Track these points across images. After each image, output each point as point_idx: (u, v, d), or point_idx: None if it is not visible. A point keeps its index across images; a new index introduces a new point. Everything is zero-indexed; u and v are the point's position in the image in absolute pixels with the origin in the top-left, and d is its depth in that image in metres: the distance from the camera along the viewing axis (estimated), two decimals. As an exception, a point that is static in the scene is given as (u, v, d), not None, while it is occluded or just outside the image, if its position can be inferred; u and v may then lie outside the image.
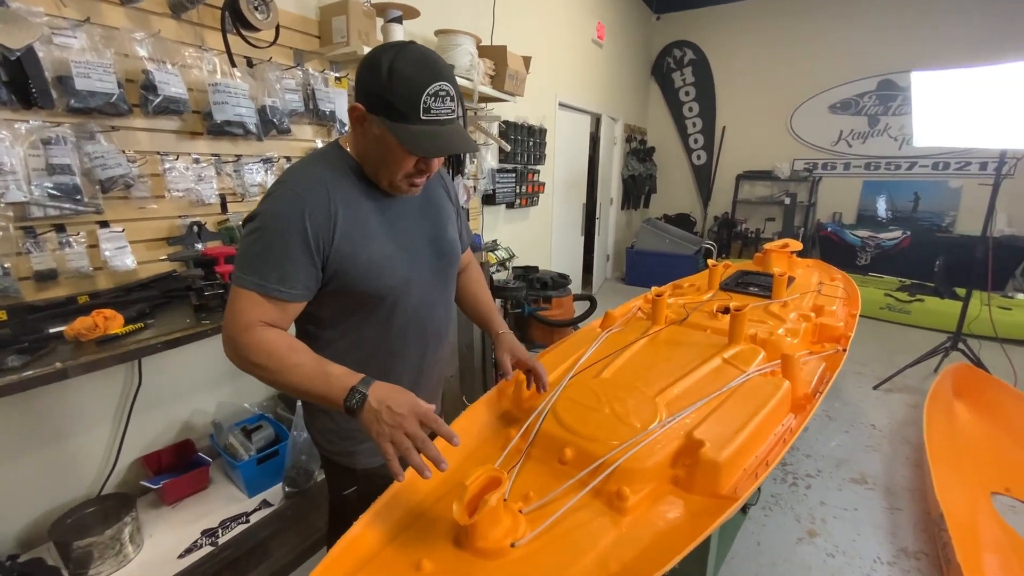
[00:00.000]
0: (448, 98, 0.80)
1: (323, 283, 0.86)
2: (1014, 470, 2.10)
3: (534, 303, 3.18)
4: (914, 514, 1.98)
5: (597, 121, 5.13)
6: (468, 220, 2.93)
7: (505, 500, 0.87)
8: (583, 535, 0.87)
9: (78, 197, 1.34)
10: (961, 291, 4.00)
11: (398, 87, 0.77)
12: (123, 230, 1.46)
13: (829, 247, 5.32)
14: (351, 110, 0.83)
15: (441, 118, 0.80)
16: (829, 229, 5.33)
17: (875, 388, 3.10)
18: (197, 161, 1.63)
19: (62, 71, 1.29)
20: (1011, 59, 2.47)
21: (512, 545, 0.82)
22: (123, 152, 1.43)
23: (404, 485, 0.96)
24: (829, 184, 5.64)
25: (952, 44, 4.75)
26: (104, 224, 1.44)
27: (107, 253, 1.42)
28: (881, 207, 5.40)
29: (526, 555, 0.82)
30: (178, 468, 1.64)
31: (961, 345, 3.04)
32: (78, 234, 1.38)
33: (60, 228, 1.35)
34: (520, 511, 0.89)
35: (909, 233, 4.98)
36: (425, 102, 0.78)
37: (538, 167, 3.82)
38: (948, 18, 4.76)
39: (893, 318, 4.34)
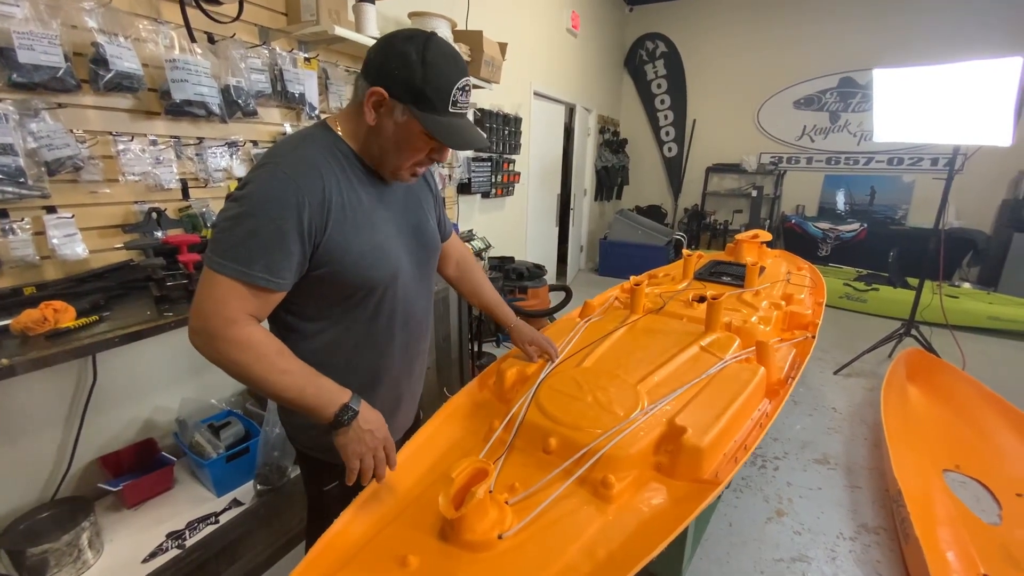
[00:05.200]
0: (469, 93, 0.84)
1: (311, 270, 0.81)
2: (963, 448, 2.24)
3: (511, 294, 3.17)
4: (872, 491, 2.09)
5: (571, 112, 5.12)
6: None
7: (491, 492, 0.85)
8: (570, 524, 0.87)
9: (21, 180, 1.24)
10: (913, 281, 4.22)
11: (432, 78, 0.77)
12: (72, 216, 1.36)
13: (793, 238, 5.51)
14: (370, 94, 0.79)
15: (462, 111, 0.84)
16: (793, 221, 5.52)
17: (835, 373, 3.25)
18: (154, 143, 1.53)
19: (3, 43, 1.17)
20: (965, 58, 2.59)
21: (499, 537, 0.81)
22: (71, 132, 1.33)
23: (385, 478, 0.94)
24: (793, 177, 5.84)
25: (909, 44, 4.96)
26: (51, 209, 1.33)
27: (55, 241, 1.32)
28: (840, 200, 5.63)
29: (514, 546, 0.82)
30: (139, 469, 1.55)
31: (914, 332, 3.21)
32: (22, 220, 1.27)
33: (2, 214, 1.24)
34: (506, 502, 0.88)
35: (866, 225, 5.21)
36: (454, 95, 0.80)
37: (513, 156, 3.79)
38: (906, 19, 4.97)
39: (851, 307, 4.54)
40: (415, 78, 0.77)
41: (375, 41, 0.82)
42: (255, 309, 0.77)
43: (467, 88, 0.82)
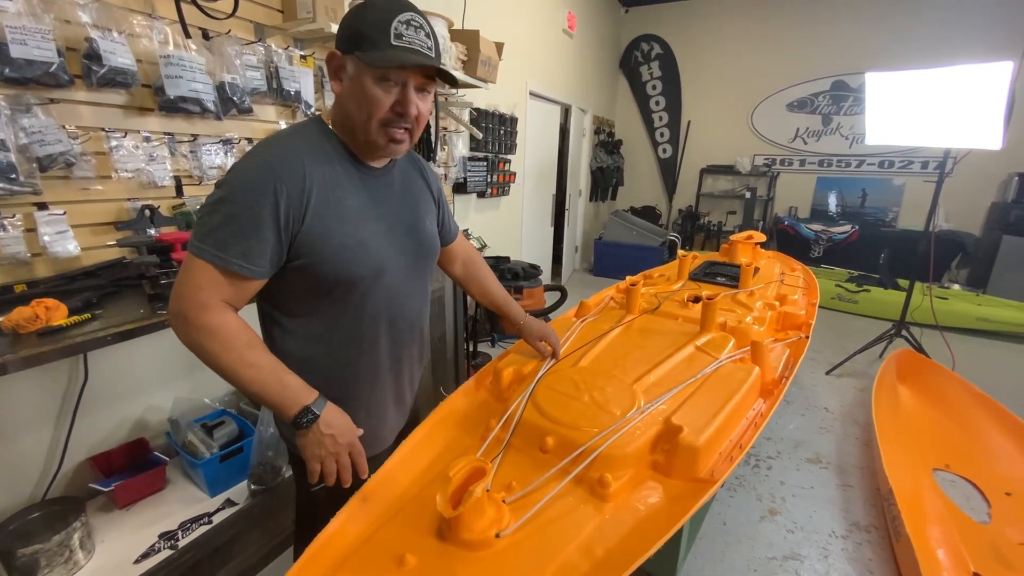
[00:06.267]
0: (422, 31, 0.80)
1: (289, 260, 0.81)
2: (953, 448, 2.27)
3: (505, 293, 3.16)
4: (864, 490, 2.11)
5: (567, 112, 5.13)
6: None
7: (488, 490, 0.85)
8: (567, 523, 0.87)
9: (13, 176, 1.22)
10: (904, 282, 4.27)
11: (368, 16, 0.77)
12: (64, 213, 1.34)
13: (786, 240, 5.56)
14: (329, 59, 0.81)
15: (414, 47, 0.78)
16: (786, 223, 5.57)
17: (827, 373, 3.28)
18: (148, 139, 1.51)
19: (-7, 36, 1.16)
20: (956, 62, 2.62)
21: (497, 536, 0.82)
22: (63, 127, 1.31)
23: (381, 478, 0.94)
24: (786, 179, 5.88)
25: (901, 48, 5.01)
26: (42, 206, 1.31)
27: (46, 238, 1.30)
28: (832, 202, 5.69)
29: (511, 545, 0.82)
30: (131, 469, 1.54)
31: (904, 332, 3.24)
32: (13, 216, 1.25)
33: (-8, 210, 1.23)
34: (504, 501, 0.88)
35: (857, 227, 5.26)
36: (396, 28, 0.76)
37: (509, 156, 3.79)
38: (898, 23, 5.02)
39: (843, 307, 4.58)
40: (353, 23, 0.78)
41: None
42: (230, 296, 0.77)
43: (415, 24, 0.77)
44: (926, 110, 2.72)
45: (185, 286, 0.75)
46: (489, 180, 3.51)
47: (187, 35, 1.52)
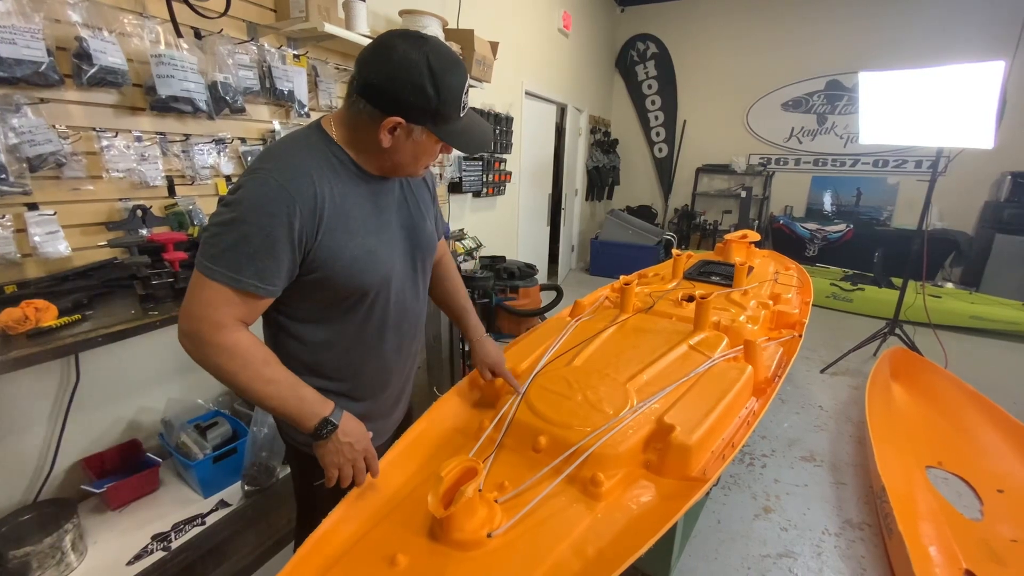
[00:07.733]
0: (468, 86, 0.84)
1: (302, 275, 0.81)
2: (945, 445, 2.28)
3: (501, 293, 3.17)
4: (857, 488, 2.12)
5: (562, 111, 5.13)
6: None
7: (480, 490, 0.85)
8: (559, 522, 0.87)
9: (3, 176, 1.21)
10: (898, 281, 4.29)
11: (446, 96, 0.78)
12: (55, 213, 1.33)
13: (781, 239, 5.57)
14: (385, 124, 0.78)
15: (472, 116, 0.86)
16: (781, 222, 5.58)
17: (822, 372, 3.29)
18: (139, 139, 1.51)
19: (-19, 35, 1.15)
20: (949, 62, 2.64)
21: (489, 535, 0.82)
22: (53, 127, 1.31)
23: (376, 478, 0.94)
24: (782, 178, 5.90)
25: (894, 48, 5.03)
26: (33, 206, 1.31)
27: (36, 238, 1.30)
28: (827, 201, 5.71)
29: (503, 545, 0.82)
30: (124, 470, 1.53)
31: (898, 331, 3.26)
32: (3, 217, 1.25)
33: (-19, 210, 1.22)
34: (496, 501, 0.89)
35: (852, 226, 5.28)
36: (462, 100, 0.82)
37: (505, 156, 3.79)
38: (892, 23, 5.04)
39: (837, 306, 4.60)
40: (432, 103, 0.77)
41: (372, 57, 0.77)
42: (244, 314, 0.77)
43: (468, 88, 0.83)
44: (919, 109, 2.74)
45: (197, 305, 0.74)
46: (485, 180, 3.51)
47: (179, 34, 1.51)
